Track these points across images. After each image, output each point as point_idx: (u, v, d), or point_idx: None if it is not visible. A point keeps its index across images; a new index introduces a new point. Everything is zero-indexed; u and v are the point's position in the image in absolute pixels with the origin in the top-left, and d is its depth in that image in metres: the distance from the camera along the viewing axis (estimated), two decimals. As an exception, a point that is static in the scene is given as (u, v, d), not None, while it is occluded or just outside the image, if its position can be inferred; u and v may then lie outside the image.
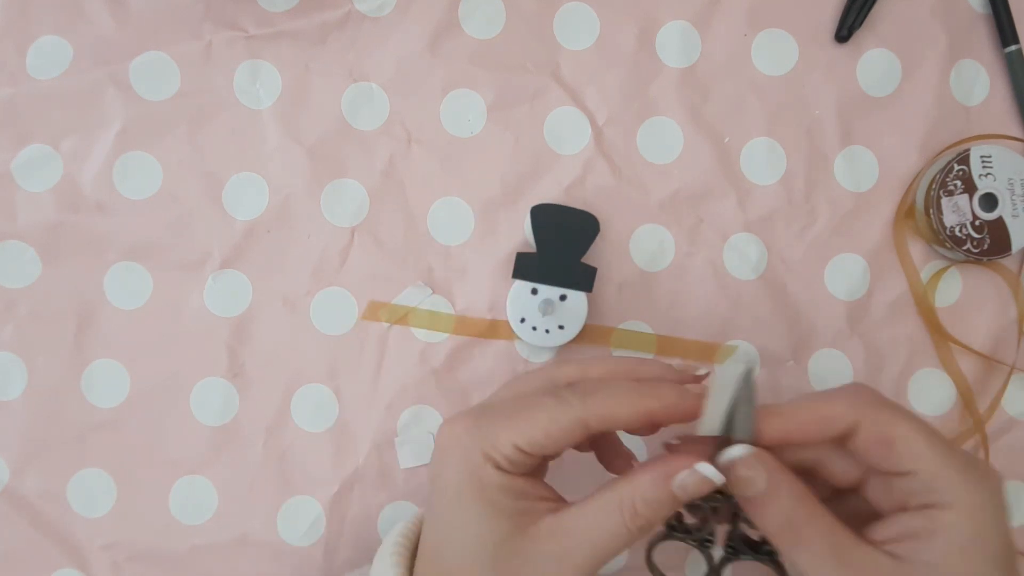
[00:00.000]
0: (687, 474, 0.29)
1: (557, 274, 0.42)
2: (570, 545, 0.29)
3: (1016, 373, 0.44)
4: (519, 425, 0.30)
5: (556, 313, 0.42)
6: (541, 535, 0.29)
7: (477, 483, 0.30)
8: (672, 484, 0.29)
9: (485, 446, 0.30)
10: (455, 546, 0.30)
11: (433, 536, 0.31)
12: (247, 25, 0.44)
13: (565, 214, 0.43)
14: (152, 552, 0.43)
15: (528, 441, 0.29)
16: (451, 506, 0.30)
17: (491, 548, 0.29)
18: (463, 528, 0.30)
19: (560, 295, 0.42)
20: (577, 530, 0.29)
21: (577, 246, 0.42)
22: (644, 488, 0.29)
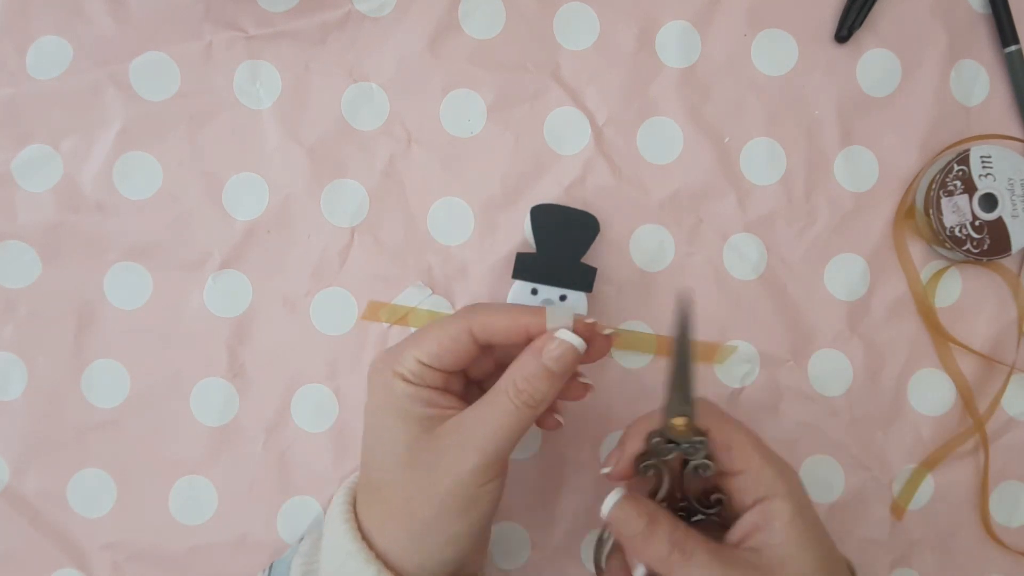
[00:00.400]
0: (553, 345, 0.33)
1: (557, 274, 0.42)
2: (469, 433, 0.33)
3: (1016, 373, 0.44)
4: (419, 342, 0.34)
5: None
6: (445, 430, 0.33)
7: (389, 396, 0.34)
8: (543, 357, 0.33)
9: (394, 365, 0.34)
10: (377, 455, 0.35)
11: (364, 455, 0.36)
12: (247, 25, 0.44)
13: (565, 214, 0.43)
14: (152, 552, 0.43)
15: (426, 352, 0.34)
16: (372, 423, 0.35)
17: (403, 448, 0.33)
18: (381, 437, 0.34)
19: (560, 295, 0.42)
20: (474, 419, 0.33)
21: (577, 246, 0.42)
22: (520, 366, 0.34)
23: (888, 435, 0.45)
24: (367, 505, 0.35)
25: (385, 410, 0.34)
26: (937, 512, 0.45)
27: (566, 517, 0.44)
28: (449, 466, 0.33)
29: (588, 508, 0.44)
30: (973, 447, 0.45)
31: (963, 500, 0.45)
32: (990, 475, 0.45)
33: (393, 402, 0.34)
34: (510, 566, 0.44)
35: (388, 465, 0.34)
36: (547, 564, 0.44)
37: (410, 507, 0.33)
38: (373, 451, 0.35)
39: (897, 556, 0.45)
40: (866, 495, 0.45)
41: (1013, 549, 0.45)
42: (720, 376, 0.44)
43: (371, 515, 0.34)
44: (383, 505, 0.34)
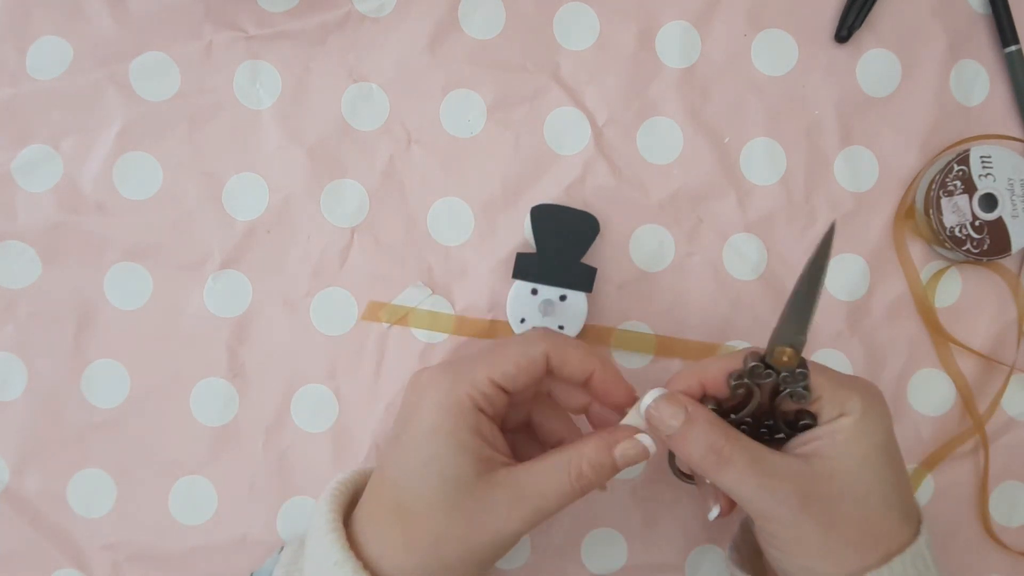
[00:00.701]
0: (629, 444, 0.33)
1: (557, 274, 0.42)
2: (521, 495, 0.32)
3: (1016, 373, 0.44)
4: (493, 361, 0.33)
5: (556, 313, 0.42)
6: (497, 482, 0.32)
7: (453, 421, 0.32)
8: (614, 452, 0.33)
9: (465, 384, 0.33)
10: (419, 479, 0.33)
11: (394, 470, 0.34)
12: (247, 25, 0.44)
13: (565, 214, 0.43)
14: (152, 552, 0.43)
15: (502, 373, 0.33)
16: (422, 441, 0.33)
17: (452, 485, 0.32)
18: (430, 463, 0.32)
19: (560, 295, 0.42)
20: (528, 483, 0.32)
21: (577, 246, 0.42)
22: (590, 453, 0.33)
23: (888, 435, 0.45)
24: (381, 524, 0.33)
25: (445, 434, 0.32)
26: (937, 512, 0.45)
27: (566, 517, 0.44)
28: (493, 523, 0.32)
29: (588, 508, 0.44)
30: (973, 447, 0.45)
31: (963, 500, 0.45)
32: (990, 475, 0.45)
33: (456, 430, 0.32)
34: (510, 566, 0.44)
35: (427, 498, 0.32)
36: (547, 564, 0.44)
37: (436, 546, 0.32)
38: (412, 477, 0.33)
39: (897, 556, 0.45)
40: (866, 495, 0.45)
41: (1013, 549, 0.45)
42: (720, 376, 0.44)
43: (385, 538, 0.33)
44: (406, 534, 0.33)
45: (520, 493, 0.32)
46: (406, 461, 0.33)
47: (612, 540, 0.44)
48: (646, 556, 0.44)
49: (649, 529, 0.44)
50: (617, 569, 0.44)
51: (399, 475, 0.33)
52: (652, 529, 0.44)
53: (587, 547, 0.44)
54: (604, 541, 0.44)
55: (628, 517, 0.44)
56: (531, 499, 0.32)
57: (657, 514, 0.44)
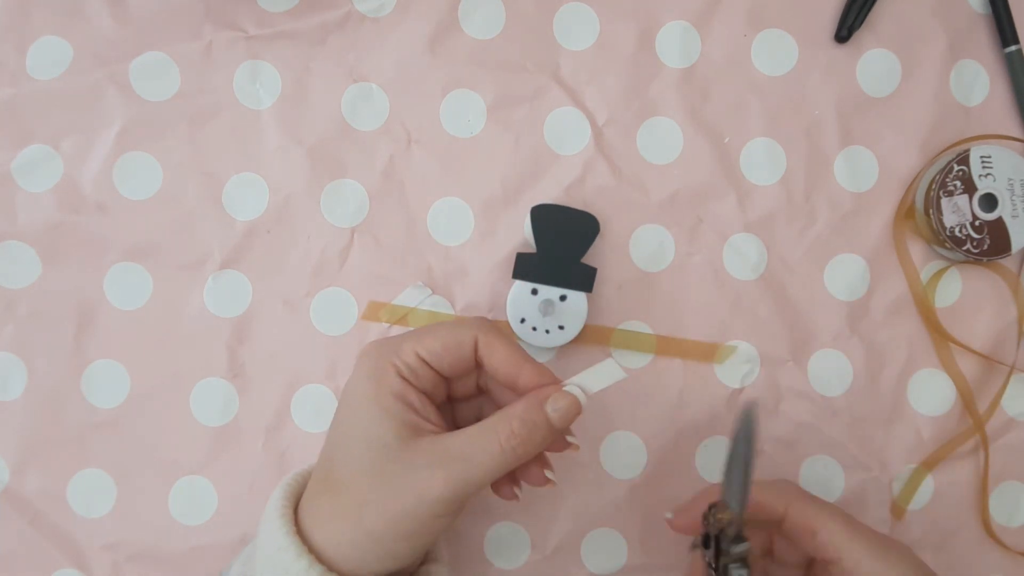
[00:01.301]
0: (559, 395, 0.33)
1: (557, 274, 0.42)
2: (445, 458, 0.31)
3: (1016, 373, 0.44)
4: (421, 337, 0.34)
5: (556, 313, 0.42)
6: (421, 448, 0.32)
7: (376, 387, 0.32)
8: (545, 405, 0.33)
9: (390, 354, 0.33)
10: (342, 450, 0.33)
11: (328, 442, 0.34)
12: (247, 25, 0.44)
13: (565, 214, 0.43)
14: (152, 552, 0.43)
15: (427, 349, 0.33)
16: (349, 410, 0.33)
17: (375, 450, 0.32)
18: (355, 430, 0.33)
19: (560, 295, 0.42)
20: (454, 446, 0.32)
21: (577, 246, 0.42)
22: (520, 411, 0.32)
23: (888, 435, 0.45)
24: (315, 497, 0.33)
25: (368, 401, 0.32)
26: (937, 512, 0.45)
27: (566, 517, 0.44)
28: (413, 486, 0.31)
29: (588, 508, 0.44)
30: (973, 447, 0.45)
31: (963, 500, 0.45)
32: (990, 475, 0.45)
33: (378, 395, 0.32)
34: (510, 566, 0.44)
35: (352, 464, 0.32)
36: (547, 564, 0.44)
37: (360, 513, 0.32)
38: (339, 446, 0.33)
39: (897, 556, 0.45)
40: (866, 495, 0.45)
41: (1013, 549, 0.45)
42: (720, 376, 0.44)
43: (317, 509, 0.33)
44: (333, 503, 0.32)
45: (444, 456, 0.31)
46: (335, 431, 0.34)
47: (612, 540, 0.44)
48: (646, 556, 0.44)
49: (649, 529, 0.44)
50: (617, 569, 0.44)
51: (329, 446, 0.34)
52: (652, 529, 0.44)
53: (587, 547, 0.44)
54: (604, 541, 0.44)
55: (628, 517, 0.44)
56: (455, 461, 0.31)
57: (657, 514, 0.44)
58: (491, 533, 0.44)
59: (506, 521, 0.44)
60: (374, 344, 0.35)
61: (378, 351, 0.34)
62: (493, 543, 0.44)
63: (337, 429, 0.34)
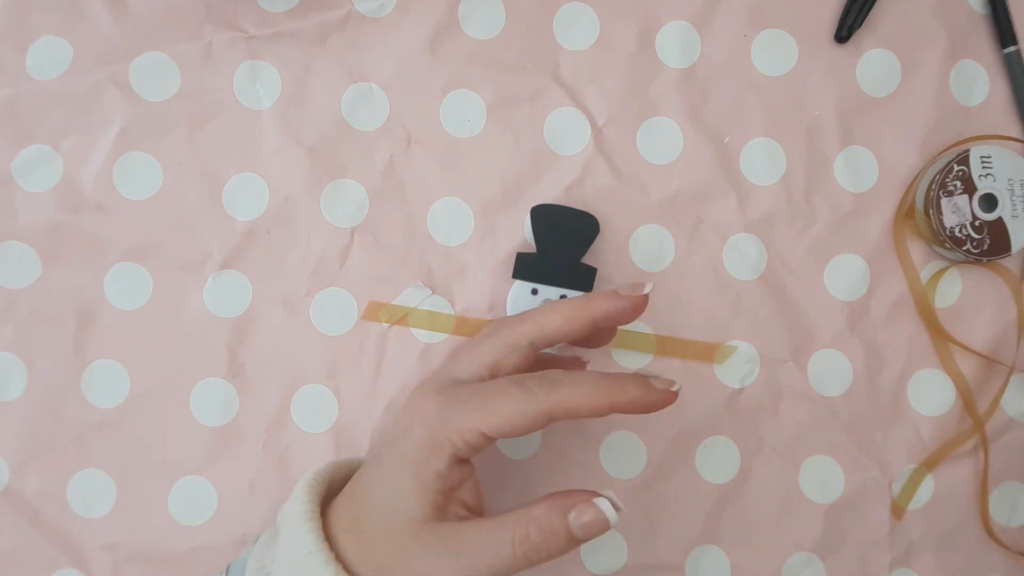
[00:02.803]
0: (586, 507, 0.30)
1: (557, 274, 0.42)
2: (457, 551, 0.31)
3: (1016, 374, 0.44)
4: (487, 414, 0.31)
5: None
6: (442, 533, 0.31)
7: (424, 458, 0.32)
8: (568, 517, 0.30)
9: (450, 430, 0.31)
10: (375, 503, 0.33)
11: (363, 485, 0.34)
12: (247, 25, 0.44)
13: (565, 214, 0.43)
14: (152, 552, 0.43)
15: (494, 428, 0.31)
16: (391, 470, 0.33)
17: (400, 519, 0.32)
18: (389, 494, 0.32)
19: (560, 295, 0.42)
20: (470, 539, 0.31)
21: (577, 246, 0.42)
22: (540, 515, 0.30)
23: (888, 435, 0.45)
24: (343, 513, 0.34)
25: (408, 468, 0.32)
26: (937, 512, 0.45)
27: (566, 517, 0.44)
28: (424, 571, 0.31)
29: (588, 508, 0.44)
30: (973, 447, 0.45)
31: (963, 500, 0.45)
32: (990, 475, 0.45)
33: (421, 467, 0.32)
34: (510, 566, 0.44)
35: (377, 516, 0.33)
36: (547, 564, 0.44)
37: (378, 571, 0.32)
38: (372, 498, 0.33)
39: (897, 556, 0.45)
40: (866, 495, 0.45)
41: (1013, 549, 0.45)
42: (720, 376, 0.44)
43: (343, 526, 0.33)
44: (357, 541, 0.33)
45: (457, 549, 0.31)
46: (371, 481, 0.33)
47: (612, 540, 0.44)
48: (646, 556, 0.44)
49: (649, 529, 0.44)
50: (617, 569, 0.44)
51: (363, 492, 0.34)
52: (652, 529, 0.44)
53: (587, 547, 0.44)
54: (604, 541, 0.44)
55: (628, 517, 0.44)
56: (466, 557, 0.30)
57: (657, 514, 0.44)
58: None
59: (506, 521, 0.44)
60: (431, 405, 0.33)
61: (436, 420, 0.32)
62: (493, 543, 0.44)
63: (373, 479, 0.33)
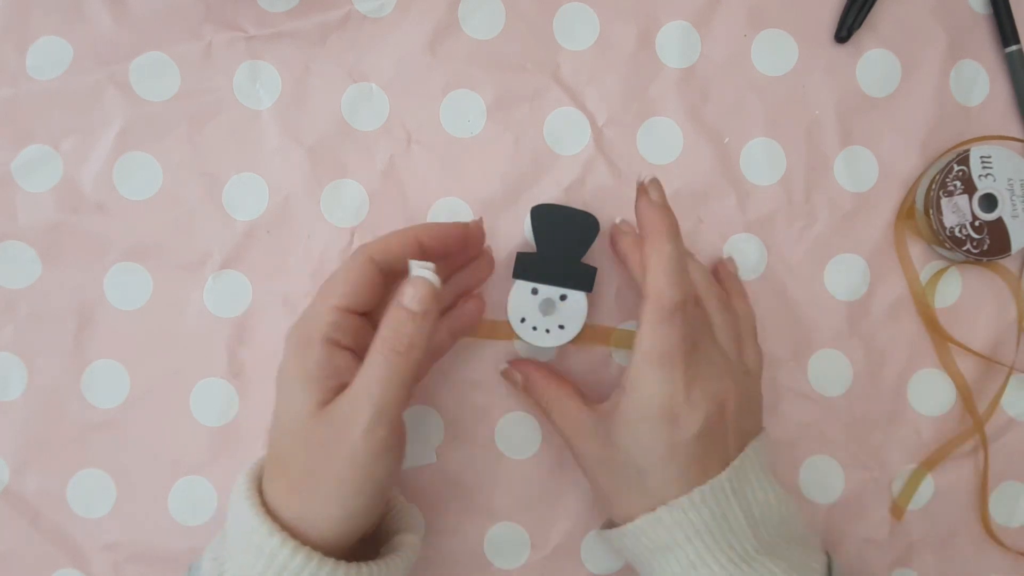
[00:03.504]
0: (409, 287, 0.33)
1: (557, 274, 0.42)
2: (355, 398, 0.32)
3: (1015, 374, 0.44)
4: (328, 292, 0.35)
5: (556, 313, 0.42)
6: (337, 403, 0.33)
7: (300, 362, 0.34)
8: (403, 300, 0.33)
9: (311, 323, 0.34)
10: (281, 427, 0.35)
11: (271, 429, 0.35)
12: (247, 25, 0.44)
13: (565, 214, 0.42)
14: (152, 552, 0.43)
15: (339, 296, 0.35)
16: (280, 394, 0.35)
17: (302, 417, 0.33)
18: (287, 408, 0.34)
19: (560, 295, 0.42)
20: (357, 385, 0.33)
21: (577, 246, 0.42)
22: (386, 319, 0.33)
23: (888, 435, 0.45)
24: (272, 480, 0.35)
25: (292, 381, 0.34)
26: (937, 512, 0.45)
27: (566, 517, 0.44)
28: (341, 435, 0.32)
29: (588, 508, 0.44)
30: (973, 447, 0.45)
31: (963, 500, 0.45)
32: (990, 475, 0.45)
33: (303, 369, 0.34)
34: (510, 566, 0.44)
35: (289, 439, 0.34)
36: (547, 564, 0.44)
37: (310, 481, 0.33)
38: (278, 423, 0.35)
39: (897, 556, 0.45)
40: (866, 495, 0.45)
41: (1013, 549, 0.45)
42: (720, 376, 0.44)
43: (276, 489, 0.34)
44: (286, 479, 0.34)
45: (353, 397, 0.33)
46: (274, 415, 0.35)
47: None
48: (646, 556, 0.44)
49: (649, 529, 0.44)
50: (617, 569, 0.44)
51: (273, 432, 0.35)
52: (652, 529, 0.44)
53: (587, 547, 0.44)
54: (604, 541, 0.44)
55: (628, 517, 0.44)
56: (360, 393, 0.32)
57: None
58: (491, 533, 0.44)
59: (506, 521, 0.44)
60: (294, 325, 0.36)
61: (300, 326, 0.35)
62: (493, 543, 0.44)
63: (275, 414, 0.35)
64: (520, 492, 0.44)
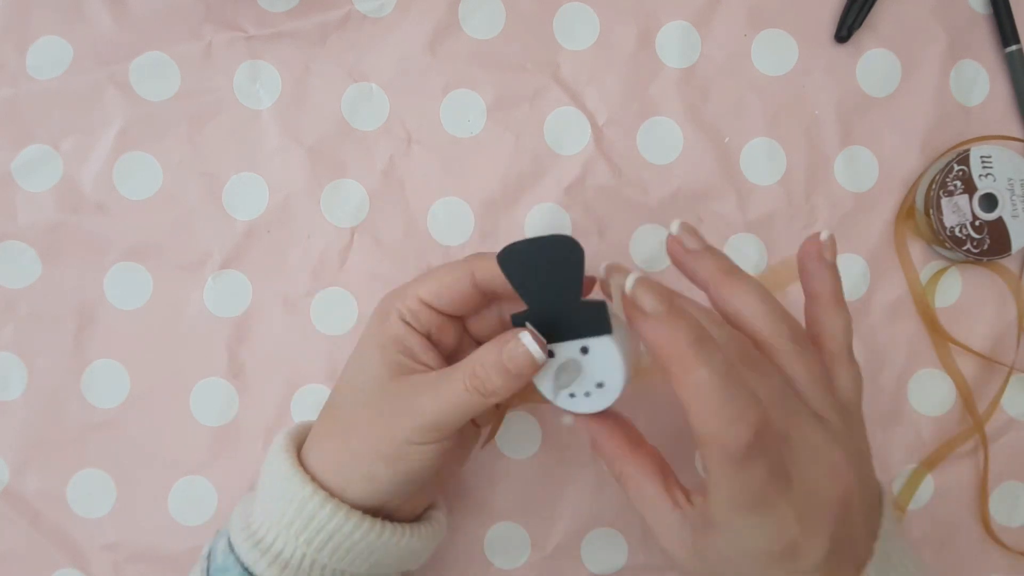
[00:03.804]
0: (514, 343, 0.31)
1: (563, 326, 0.32)
2: (418, 397, 0.33)
3: (1015, 374, 0.44)
4: (423, 281, 0.35)
5: (586, 372, 0.32)
6: (406, 385, 0.34)
7: (379, 330, 0.35)
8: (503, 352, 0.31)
9: (395, 299, 0.35)
10: (347, 385, 0.36)
11: (335, 386, 0.37)
12: (247, 25, 0.44)
13: (536, 248, 0.31)
14: (152, 552, 0.43)
15: (427, 290, 0.35)
16: (356, 353, 0.36)
17: (371, 384, 0.34)
18: (358, 367, 0.36)
19: (580, 348, 0.32)
20: (428, 386, 0.33)
21: (568, 284, 0.31)
22: (483, 352, 0.32)
23: (888, 435, 0.45)
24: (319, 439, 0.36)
25: (371, 343, 0.35)
26: (937, 512, 0.45)
27: (566, 517, 0.44)
28: (390, 417, 0.33)
29: (588, 508, 0.44)
30: (973, 447, 0.45)
31: (963, 500, 0.45)
32: (990, 475, 0.45)
33: (380, 337, 0.35)
34: (510, 566, 0.44)
35: (350, 398, 0.35)
36: (547, 564, 0.44)
37: (347, 434, 0.34)
38: (342, 386, 0.36)
39: (897, 556, 0.45)
40: (866, 495, 0.45)
41: (1013, 549, 0.45)
42: (720, 376, 0.44)
43: (320, 446, 0.35)
44: (330, 423, 0.35)
45: (418, 394, 0.33)
46: (343, 375, 0.36)
47: (612, 540, 0.44)
48: (646, 556, 0.44)
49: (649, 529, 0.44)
50: (617, 569, 0.44)
51: (335, 389, 0.37)
52: (652, 529, 0.44)
53: (587, 547, 0.44)
54: (604, 541, 0.44)
55: (628, 517, 0.44)
56: (425, 397, 0.33)
57: (657, 514, 0.44)
58: (491, 533, 0.44)
59: (506, 521, 0.44)
60: (388, 293, 0.36)
61: (387, 298, 0.36)
62: (493, 543, 0.44)
63: (345, 372, 0.36)
64: (520, 492, 0.44)
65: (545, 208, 0.44)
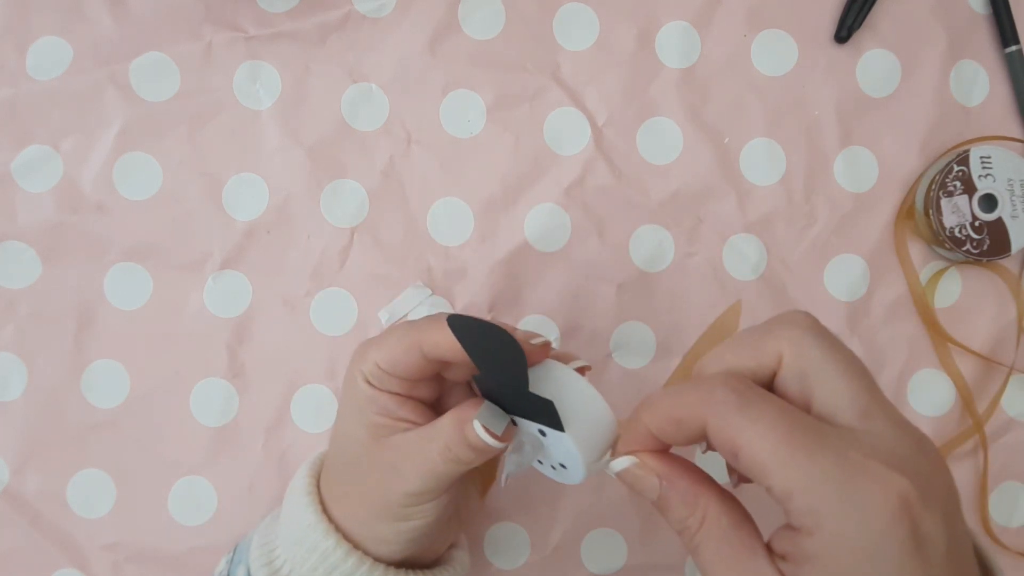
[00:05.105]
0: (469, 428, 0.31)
1: (515, 403, 0.30)
2: (404, 462, 0.33)
3: (1015, 374, 0.44)
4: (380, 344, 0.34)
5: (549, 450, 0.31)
6: (389, 447, 0.33)
7: (352, 395, 0.34)
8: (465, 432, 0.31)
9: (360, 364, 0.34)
10: (336, 440, 0.36)
11: (331, 438, 0.37)
12: (247, 26, 0.44)
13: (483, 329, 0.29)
14: (152, 552, 0.43)
15: (384, 358, 0.33)
16: (339, 413, 0.36)
17: (354, 446, 0.34)
18: (344, 431, 0.35)
19: (538, 429, 0.30)
20: (411, 451, 0.33)
21: (513, 370, 0.29)
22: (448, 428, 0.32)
23: (888, 435, 0.45)
24: (330, 483, 0.36)
25: (349, 405, 0.35)
26: (937, 512, 0.45)
27: (566, 517, 0.44)
28: (381, 484, 0.33)
29: (588, 508, 0.44)
30: (973, 447, 0.45)
31: (963, 500, 0.44)
32: (989, 475, 0.45)
33: (355, 400, 0.34)
34: (510, 566, 0.44)
35: (342, 456, 0.35)
36: (547, 564, 0.44)
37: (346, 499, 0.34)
38: (334, 437, 0.36)
39: (897, 556, 0.45)
40: (866, 495, 0.45)
41: (1013, 549, 0.45)
42: (720, 376, 0.44)
43: (330, 491, 0.35)
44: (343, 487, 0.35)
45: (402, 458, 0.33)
46: (335, 429, 0.36)
47: (612, 540, 0.44)
48: (646, 556, 0.44)
49: (649, 529, 0.44)
50: (617, 569, 0.44)
51: (333, 442, 0.36)
52: (652, 529, 0.44)
53: (587, 547, 0.44)
54: (604, 541, 0.44)
55: (628, 517, 0.44)
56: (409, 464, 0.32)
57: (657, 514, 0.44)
58: (491, 533, 0.44)
59: (506, 521, 0.44)
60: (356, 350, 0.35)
61: (353, 359, 0.35)
62: (493, 543, 0.44)
63: (334, 431, 0.36)
64: (520, 492, 0.44)
65: (545, 208, 0.44)
